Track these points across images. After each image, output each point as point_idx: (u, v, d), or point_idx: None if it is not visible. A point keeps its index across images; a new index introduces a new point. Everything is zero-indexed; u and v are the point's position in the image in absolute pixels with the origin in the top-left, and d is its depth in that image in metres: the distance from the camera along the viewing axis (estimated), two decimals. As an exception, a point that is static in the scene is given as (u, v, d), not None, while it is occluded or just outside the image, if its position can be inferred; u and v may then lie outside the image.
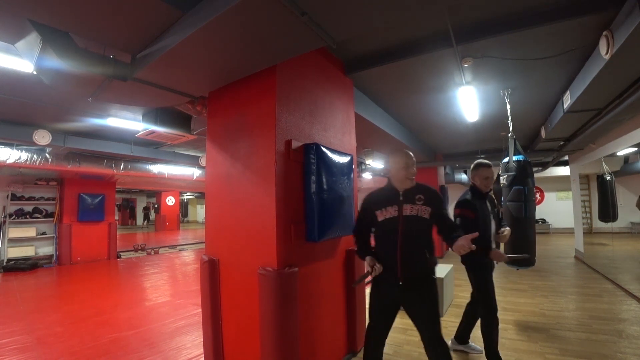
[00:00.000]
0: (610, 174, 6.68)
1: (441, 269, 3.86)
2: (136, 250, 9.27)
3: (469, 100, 3.64)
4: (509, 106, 3.65)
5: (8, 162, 5.04)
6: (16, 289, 5.03)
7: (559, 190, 11.57)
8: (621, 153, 7.43)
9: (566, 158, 7.03)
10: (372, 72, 2.95)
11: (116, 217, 9.43)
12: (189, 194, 20.08)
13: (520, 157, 3.17)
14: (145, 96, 2.64)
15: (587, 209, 8.13)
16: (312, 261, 2.24)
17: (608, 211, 6.17)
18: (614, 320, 3.22)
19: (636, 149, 6.63)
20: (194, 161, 7.40)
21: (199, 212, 24.03)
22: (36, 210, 7.23)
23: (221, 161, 2.40)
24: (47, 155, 5.46)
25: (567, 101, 3.47)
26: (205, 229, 2.54)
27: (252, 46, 1.80)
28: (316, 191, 2.16)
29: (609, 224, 6.43)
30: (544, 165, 8.06)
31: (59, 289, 5.25)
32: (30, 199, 7.22)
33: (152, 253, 9.15)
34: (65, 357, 2.72)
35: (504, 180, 3.22)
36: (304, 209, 2.19)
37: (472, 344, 2.67)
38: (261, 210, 2.07)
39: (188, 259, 8.28)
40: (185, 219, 23.34)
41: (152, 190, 16.45)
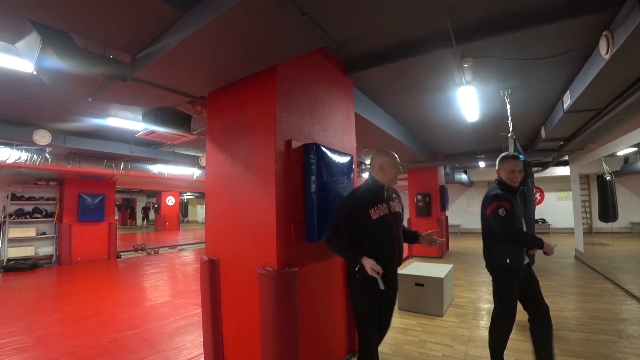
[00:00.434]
0: (610, 174, 6.68)
1: (441, 268, 3.86)
2: (136, 250, 9.27)
3: (469, 100, 3.65)
4: (509, 106, 3.65)
5: (8, 162, 5.05)
6: (16, 289, 5.03)
7: (559, 190, 11.58)
8: (621, 153, 7.44)
9: (566, 158, 7.03)
10: (372, 72, 2.95)
11: (116, 217, 9.43)
12: (189, 194, 20.08)
13: (520, 158, 3.16)
14: (145, 96, 2.64)
15: (587, 209, 8.14)
16: (312, 261, 2.24)
17: (608, 211, 6.16)
18: (614, 320, 3.22)
19: (636, 149, 6.63)
20: (194, 161, 7.40)
21: (199, 212, 24.04)
22: (36, 210, 7.22)
23: (221, 161, 2.40)
24: (47, 155, 5.46)
25: (567, 101, 3.47)
26: (205, 229, 2.54)
27: (252, 46, 1.80)
28: (316, 191, 2.15)
29: (609, 224, 6.43)
30: (544, 165, 8.07)
31: (59, 289, 5.24)
32: (30, 199, 7.22)
33: (152, 253, 9.15)
34: (65, 357, 2.72)
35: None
36: (304, 209, 2.19)
37: None
38: (261, 210, 2.07)
39: (188, 259, 8.28)
40: (185, 219, 23.35)
41: (152, 190, 16.46)
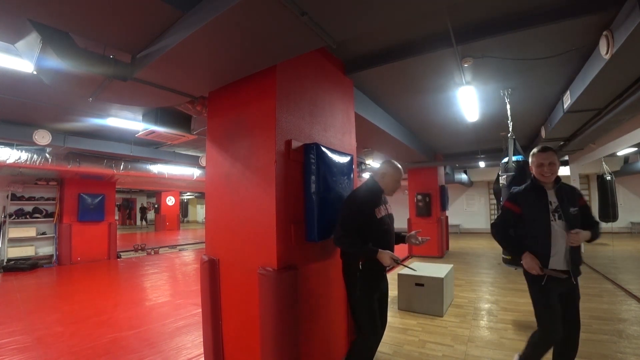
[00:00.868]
0: (610, 173, 6.68)
1: (441, 269, 3.86)
2: (136, 250, 9.27)
3: (469, 100, 3.65)
4: (509, 106, 3.65)
5: (8, 162, 5.05)
6: (16, 289, 5.03)
7: (559, 190, 11.55)
8: (621, 153, 7.45)
9: (566, 158, 7.03)
10: (372, 72, 2.95)
11: (116, 217, 9.43)
12: (189, 194, 20.09)
13: (519, 158, 3.17)
14: (145, 96, 2.64)
15: (587, 209, 8.10)
16: (312, 261, 2.24)
17: (608, 211, 6.17)
18: (614, 320, 3.22)
19: (636, 149, 6.64)
20: (194, 161, 7.40)
21: (199, 212, 24.04)
22: (36, 210, 7.22)
23: (221, 161, 2.40)
24: (47, 155, 5.46)
25: (567, 101, 3.47)
26: (205, 229, 2.54)
27: (252, 46, 1.80)
28: (316, 191, 2.15)
29: (609, 224, 6.43)
30: (544, 165, 8.03)
31: (59, 289, 5.24)
32: (30, 199, 7.22)
33: (152, 253, 9.15)
34: (65, 357, 2.72)
35: (503, 180, 3.23)
36: (304, 209, 2.19)
37: None
38: (261, 210, 2.07)
39: (188, 259, 8.28)
40: (185, 219, 23.35)
41: (152, 190, 16.46)
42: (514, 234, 2.06)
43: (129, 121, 4.38)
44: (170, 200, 17.11)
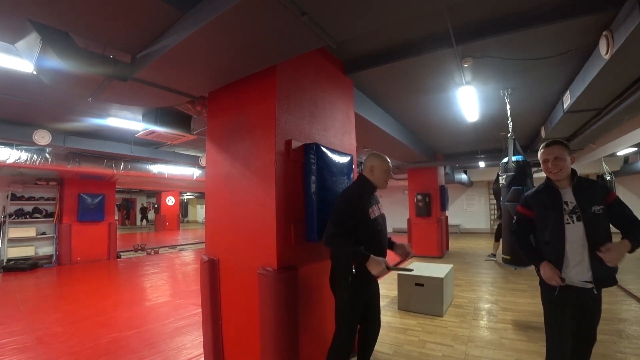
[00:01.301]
0: (610, 173, 6.68)
1: (441, 268, 3.86)
2: (136, 250, 9.27)
3: (469, 100, 3.65)
4: (508, 106, 3.65)
5: (8, 162, 5.04)
6: (16, 289, 5.03)
7: (559, 190, 11.56)
8: (621, 153, 7.45)
9: (566, 158, 7.02)
10: (372, 72, 2.95)
11: (116, 217, 9.43)
12: (189, 194, 20.09)
13: (519, 158, 3.17)
14: (145, 96, 2.64)
15: (587, 209, 8.10)
16: (312, 261, 2.24)
17: (608, 211, 6.15)
18: (614, 320, 3.22)
19: (636, 149, 6.64)
20: (194, 161, 7.40)
21: (199, 212, 24.04)
22: (36, 210, 7.22)
23: (221, 161, 2.40)
24: (47, 155, 5.46)
25: (567, 101, 3.47)
26: (205, 229, 2.54)
27: (252, 46, 1.80)
28: (316, 191, 2.15)
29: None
30: (544, 165, 8.04)
31: (59, 289, 5.24)
32: (30, 199, 7.22)
33: (152, 253, 9.15)
34: (65, 357, 2.72)
35: (502, 180, 3.23)
36: (304, 208, 2.19)
37: None
38: (261, 210, 2.07)
39: (188, 259, 8.28)
40: (185, 219, 23.35)
41: (152, 190, 16.46)
42: (534, 240, 1.87)
43: (129, 121, 4.38)
44: (170, 200, 17.11)
